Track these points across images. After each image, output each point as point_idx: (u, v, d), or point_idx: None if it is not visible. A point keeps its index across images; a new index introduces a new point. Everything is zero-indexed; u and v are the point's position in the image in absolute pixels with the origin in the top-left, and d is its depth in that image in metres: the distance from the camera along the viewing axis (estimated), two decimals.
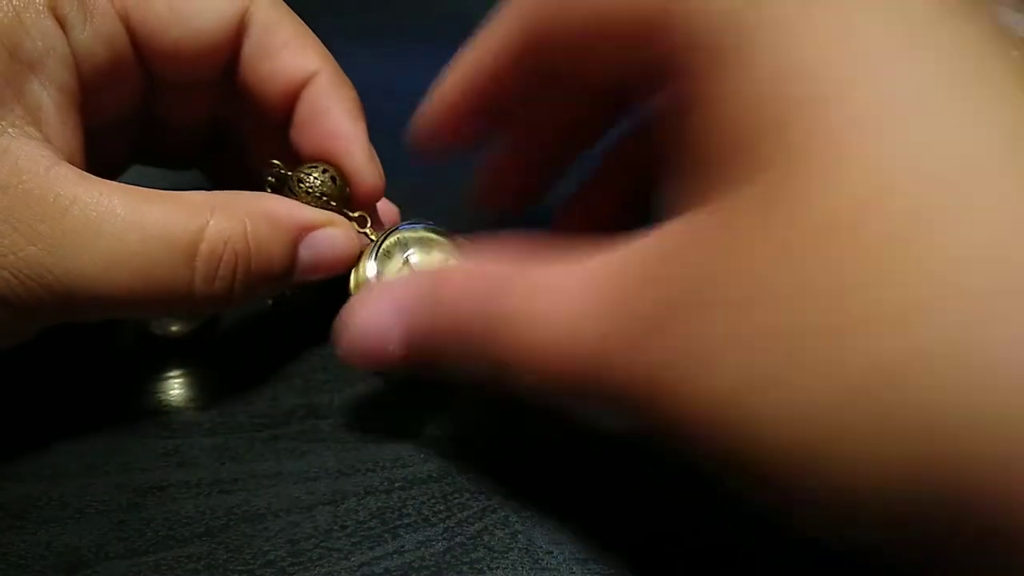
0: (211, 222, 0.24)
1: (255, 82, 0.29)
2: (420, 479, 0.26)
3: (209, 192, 0.26)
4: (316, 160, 0.29)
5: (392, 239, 0.30)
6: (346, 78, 0.29)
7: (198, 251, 0.24)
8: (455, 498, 0.26)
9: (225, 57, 0.28)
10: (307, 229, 0.27)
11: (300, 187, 0.28)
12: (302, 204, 0.28)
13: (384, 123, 0.30)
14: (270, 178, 0.29)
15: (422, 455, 0.27)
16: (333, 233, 0.28)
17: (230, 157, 0.32)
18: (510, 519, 0.25)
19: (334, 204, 0.28)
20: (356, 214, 0.30)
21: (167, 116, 0.30)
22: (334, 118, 0.28)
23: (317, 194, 0.28)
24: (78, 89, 0.25)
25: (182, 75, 0.28)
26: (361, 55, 0.30)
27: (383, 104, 0.31)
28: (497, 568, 0.24)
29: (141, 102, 0.29)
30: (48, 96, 0.24)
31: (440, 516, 0.25)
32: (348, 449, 0.27)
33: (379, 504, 0.25)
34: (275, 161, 0.29)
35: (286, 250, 0.26)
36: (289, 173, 0.29)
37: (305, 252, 0.27)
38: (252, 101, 0.29)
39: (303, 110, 0.29)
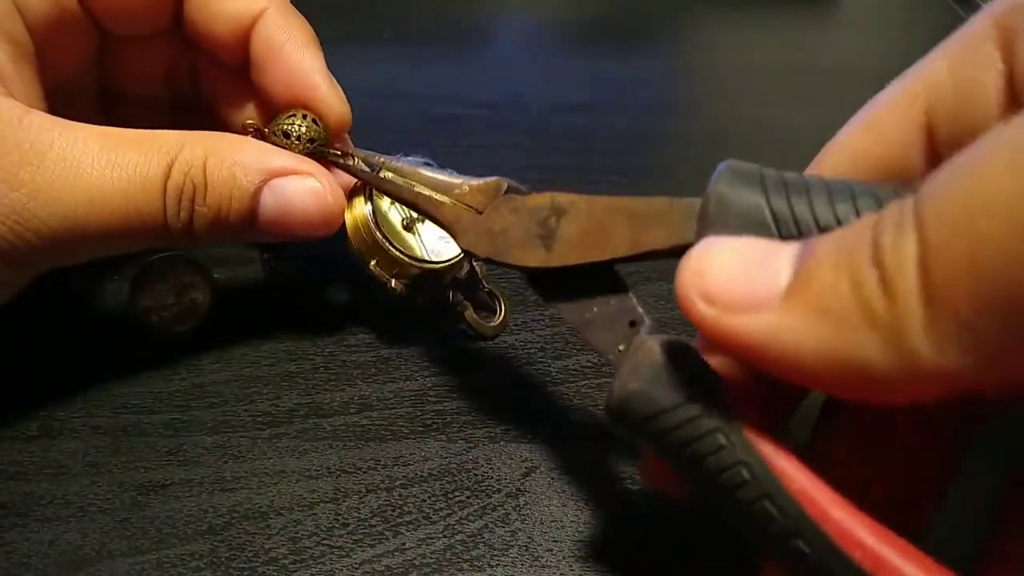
0: (179, 156, 0.25)
1: (204, 25, 0.28)
2: (421, 477, 0.26)
3: (184, 131, 0.26)
4: (288, 106, 0.28)
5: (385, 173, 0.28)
6: (295, 9, 0.29)
7: (167, 185, 0.24)
8: (456, 496, 0.26)
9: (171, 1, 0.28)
10: (275, 174, 0.26)
11: (287, 140, 0.28)
12: (281, 151, 0.27)
13: (388, 123, 0.30)
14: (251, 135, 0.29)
15: (423, 453, 0.27)
16: (306, 184, 0.26)
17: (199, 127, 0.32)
18: (510, 517, 0.25)
19: (318, 146, 0.28)
20: (340, 150, 0.29)
21: (124, 80, 0.30)
22: (290, 52, 0.28)
23: (306, 140, 0.28)
24: (29, 41, 0.26)
25: (129, 22, 0.28)
26: (365, 57, 0.30)
27: (387, 104, 0.31)
28: (497, 565, 0.24)
29: (95, 60, 0.29)
30: (1, 48, 0.24)
31: (441, 514, 0.25)
32: (350, 447, 0.27)
33: (380, 502, 0.26)
34: (249, 120, 0.29)
35: (244, 190, 0.25)
36: (266, 130, 0.28)
37: (269, 196, 0.26)
38: (205, 47, 0.29)
39: (258, 48, 0.28)
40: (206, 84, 0.31)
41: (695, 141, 0.44)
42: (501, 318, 0.32)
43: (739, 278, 0.16)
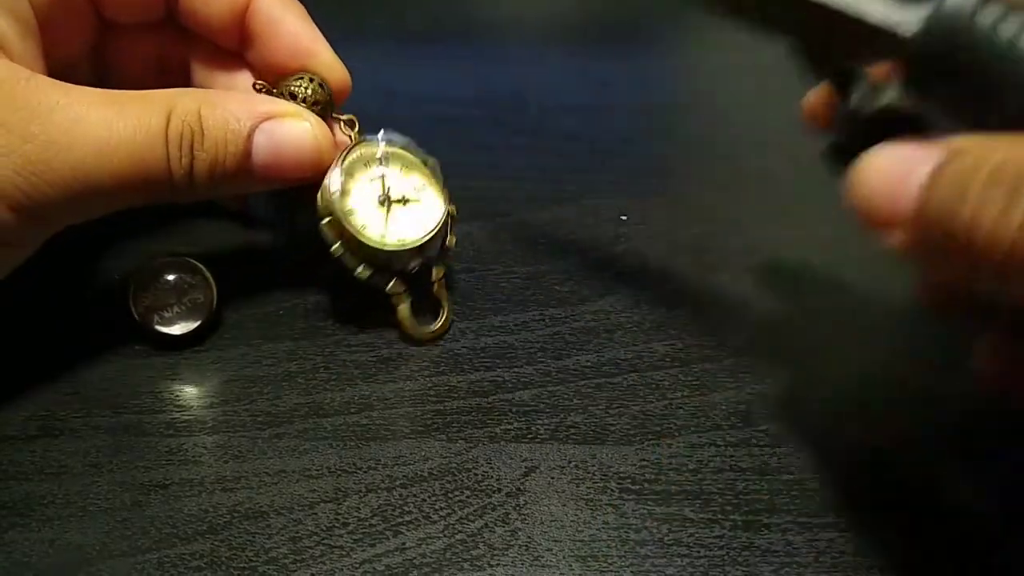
0: (176, 106, 0.26)
1: (200, 9, 0.30)
2: (421, 477, 0.26)
3: (175, 88, 0.27)
4: (293, 71, 0.29)
5: (368, 150, 0.30)
6: None
7: (168, 132, 0.26)
8: (456, 495, 0.26)
9: None
10: (266, 116, 0.27)
11: (294, 100, 0.29)
12: (269, 98, 0.28)
13: (388, 123, 0.30)
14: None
15: (423, 453, 0.27)
16: (297, 124, 0.28)
17: None
18: (510, 516, 0.25)
19: (321, 109, 0.29)
20: (345, 116, 0.30)
21: (117, 72, 0.31)
22: (290, 24, 0.30)
23: (310, 103, 0.29)
24: (33, 19, 0.27)
25: (126, 8, 0.30)
26: (364, 57, 0.30)
27: (385, 106, 0.31)
28: (497, 565, 0.24)
29: (92, 49, 0.30)
30: (8, 24, 0.26)
31: (441, 513, 0.25)
32: (350, 447, 0.27)
33: (380, 502, 0.26)
34: (259, 81, 0.30)
35: (238, 133, 0.27)
36: (274, 90, 0.29)
37: (261, 137, 0.27)
38: (200, 31, 0.30)
39: (258, 24, 0.30)
40: (197, 77, 0.32)
41: (695, 141, 0.44)
42: (439, 325, 0.31)
43: (880, 196, 0.19)
